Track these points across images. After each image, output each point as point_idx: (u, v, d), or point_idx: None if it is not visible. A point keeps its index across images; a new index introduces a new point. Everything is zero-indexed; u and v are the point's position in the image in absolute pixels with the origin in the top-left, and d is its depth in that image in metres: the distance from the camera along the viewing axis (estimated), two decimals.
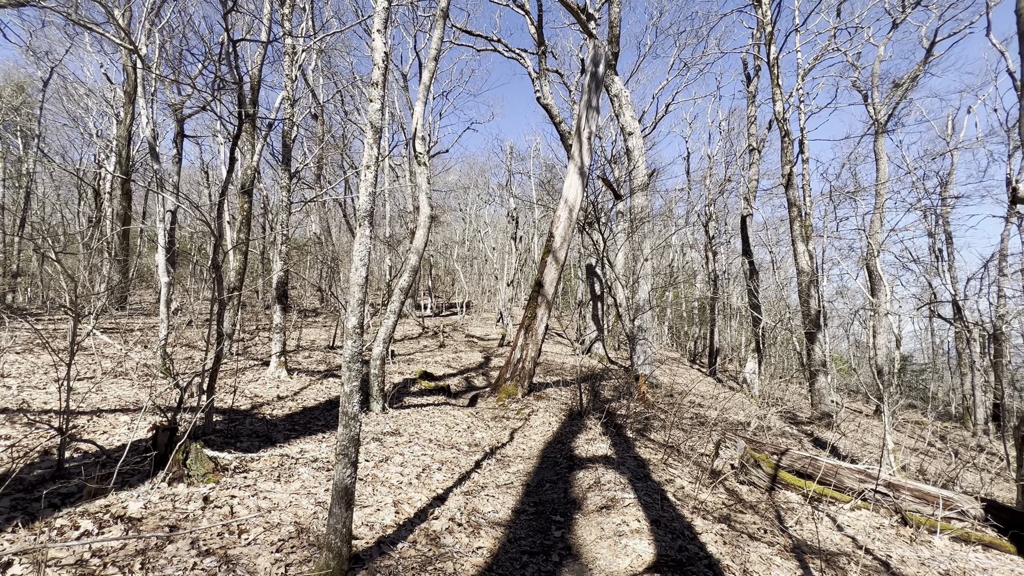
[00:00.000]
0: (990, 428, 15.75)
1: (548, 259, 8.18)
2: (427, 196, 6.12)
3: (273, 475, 3.33)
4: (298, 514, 2.79)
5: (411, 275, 6.02)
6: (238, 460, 3.44)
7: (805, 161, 13.96)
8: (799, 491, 4.85)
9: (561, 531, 3.34)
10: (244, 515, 2.63)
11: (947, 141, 18.85)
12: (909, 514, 4.47)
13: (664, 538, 3.05)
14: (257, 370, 7.83)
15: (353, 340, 2.25)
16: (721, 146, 22.98)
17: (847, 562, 3.24)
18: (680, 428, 6.70)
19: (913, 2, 15.34)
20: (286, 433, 4.56)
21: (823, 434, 9.51)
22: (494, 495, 3.92)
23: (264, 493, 3.00)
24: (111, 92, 15.40)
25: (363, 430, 5.14)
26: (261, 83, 9.19)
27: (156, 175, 6.93)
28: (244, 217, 9.67)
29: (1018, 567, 3.84)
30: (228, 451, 3.58)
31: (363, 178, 2.35)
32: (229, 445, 3.86)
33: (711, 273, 20.32)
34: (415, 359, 11.09)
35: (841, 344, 27.37)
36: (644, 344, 10.36)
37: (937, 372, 25.12)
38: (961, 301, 15.82)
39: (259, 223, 17.79)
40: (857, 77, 16.56)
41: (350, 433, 2.20)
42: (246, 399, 5.74)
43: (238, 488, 3.01)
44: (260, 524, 2.56)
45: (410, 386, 8.07)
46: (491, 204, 31.49)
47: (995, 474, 7.08)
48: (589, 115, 8.67)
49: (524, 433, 6.08)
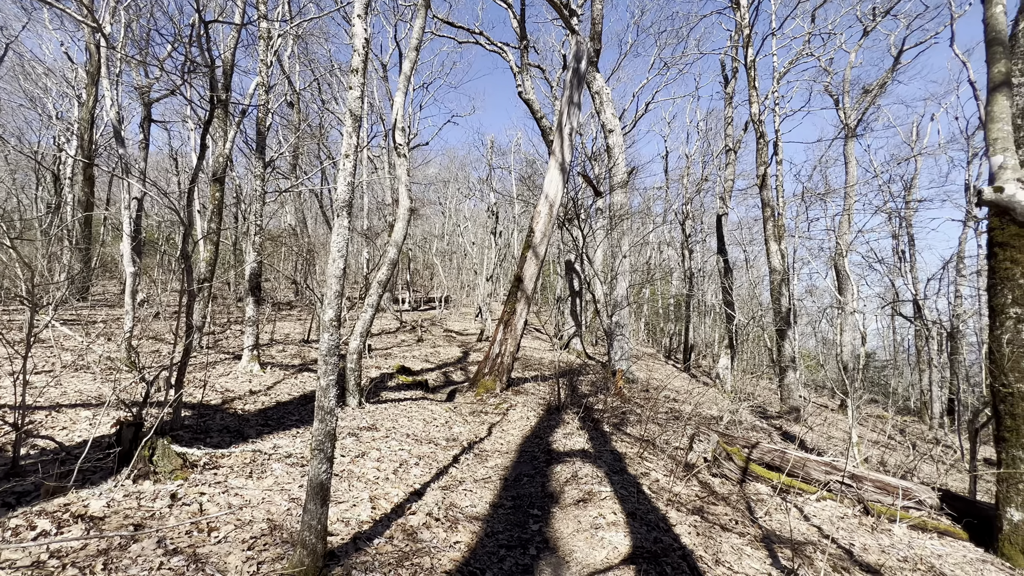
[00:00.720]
0: (945, 422, 16.55)
1: (528, 254, 8.18)
2: (407, 188, 6.03)
3: (245, 471, 3.24)
4: (271, 511, 2.72)
5: (389, 268, 5.93)
6: (208, 456, 3.33)
7: (779, 163, 14.32)
8: (768, 483, 4.99)
9: (539, 524, 3.36)
10: (214, 513, 2.55)
11: (911, 147, 19.62)
12: (871, 504, 4.66)
13: (640, 530, 3.10)
14: (229, 364, 7.62)
15: (330, 333, 2.20)
16: (699, 146, 23.39)
17: (813, 551, 3.36)
18: (655, 422, 6.81)
19: (883, 11, 15.86)
20: (259, 429, 4.45)
21: (791, 428, 9.83)
22: (472, 489, 3.91)
23: (235, 490, 2.91)
24: (72, 72, 14.65)
25: (339, 425, 5.05)
26: (234, 68, 8.89)
27: (121, 160, 6.62)
28: (216, 206, 9.37)
29: (969, 552, 4.05)
30: (197, 447, 3.47)
31: (341, 167, 2.30)
32: (198, 441, 3.74)
33: (687, 271, 20.71)
34: (393, 354, 10.97)
35: (809, 341, 28.29)
36: (621, 340, 10.49)
37: (897, 368, 26.23)
38: (921, 301, 16.53)
39: (231, 213, 17.26)
40: (829, 82, 17.04)
41: (326, 428, 2.16)
42: (217, 394, 5.58)
43: (208, 485, 2.92)
44: (231, 522, 2.48)
45: (387, 381, 7.98)
46: (471, 198, 31.30)
47: (950, 466, 7.44)
48: (570, 111, 8.69)
49: (502, 428, 6.09)
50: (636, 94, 21.44)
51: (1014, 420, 4.01)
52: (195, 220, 15.74)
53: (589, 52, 9.52)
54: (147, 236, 22.16)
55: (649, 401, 8.43)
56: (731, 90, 16.50)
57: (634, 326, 23.16)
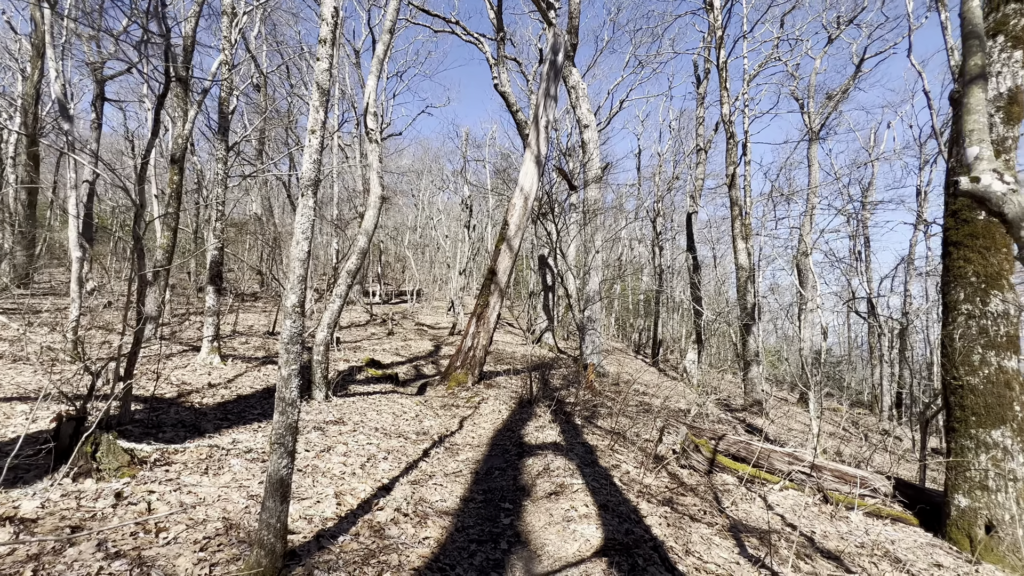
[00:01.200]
0: (895, 414, 17.46)
1: (502, 247, 8.10)
2: (378, 176, 5.84)
3: (200, 468, 3.05)
4: (227, 509, 2.56)
5: (359, 258, 5.74)
6: (159, 452, 3.12)
7: (748, 163, 14.68)
8: (735, 474, 5.11)
9: (510, 518, 3.31)
10: (164, 512, 2.38)
11: (869, 152, 20.51)
12: (830, 492, 4.83)
13: (611, 522, 3.09)
14: (187, 356, 7.26)
15: (292, 320, 2.07)
16: (671, 145, 23.77)
17: (778, 539, 3.44)
18: (626, 415, 6.88)
19: (847, 20, 16.46)
20: (217, 423, 4.22)
21: (754, 420, 10.14)
22: (442, 484, 3.83)
23: (189, 487, 2.73)
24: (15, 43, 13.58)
25: (305, 419, 4.87)
26: (195, 43, 8.43)
27: (68, 137, 6.15)
28: (174, 189, 8.88)
29: (920, 537, 4.25)
30: (148, 442, 3.25)
31: (307, 144, 2.16)
32: (150, 436, 3.51)
33: (657, 267, 21.08)
34: (362, 347, 10.71)
35: (771, 338, 29.35)
36: (593, 334, 10.56)
37: (851, 363, 27.53)
38: (875, 299, 17.37)
39: (193, 199, 16.45)
40: (795, 87, 17.59)
41: (287, 420, 2.03)
42: (172, 387, 5.28)
43: (158, 483, 2.73)
44: (182, 521, 2.32)
45: (356, 374, 7.77)
46: (445, 191, 30.92)
47: (900, 456, 7.82)
48: (547, 103, 8.62)
49: (474, 421, 6.01)
50: (611, 92, 21.62)
51: (963, 411, 4.21)
52: (149, 202, 14.93)
53: (566, 45, 9.48)
54: (100, 222, 20.93)
55: (620, 395, 8.52)
56: (703, 91, 16.81)
57: (605, 321, 23.44)
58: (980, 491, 4.02)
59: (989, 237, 4.21)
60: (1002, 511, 3.90)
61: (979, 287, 4.22)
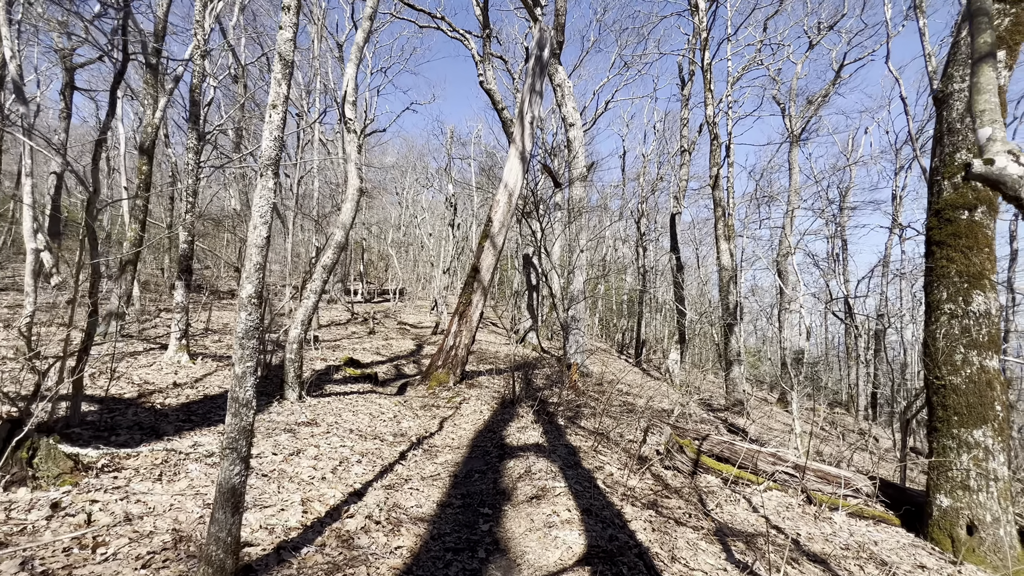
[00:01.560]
0: (870, 414, 17.80)
1: (486, 244, 7.94)
2: (356, 167, 5.62)
3: (153, 474, 2.82)
4: (179, 520, 2.35)
5: (336, 252, 5.51)
6: (109, 457, 2.88)
7: (731, 164, 14.78)
8: (718, 475, 5.04)
9: (489, 524, 3.15)
10: (105, 523, 2.16)
11: (847, 157, 20.91)
12: (813, 493, 4.79)
13: (595, 528, 2.96)
14: (154, 354, 6.92)
15: (248, 312, 1.88)
16: (655, 147, 23.90)
17: (764, 543, 3.35)
18: (609, 416, 6.78)
19: (827, 26, 16.72)
20: (178, 425, 3.97)
21: (736, 420, 10.17)
22: (418, 488, 3.65)
23: (138, 496, 2.51)
24: None
25: (275, 419, 4.63)
26: (167, 28, 8.07)
27: (23, 121, 5.78)
28: (143, 180, 8.48)
29: (902, 538, 4.22)
30: (96, 446, 3.00)
31: (268, 120, 1.97)
32: (101, 439, 3.25)
33: (641, 267, 21.15)
34: (342, 345, 10.42)
35: (750, 339, 29.75)
36: (577, 334, 10.47)
37: (828, 364, 28.07)
38: (852, 300, 17.68)
39: (167, 193, 15.87)
40: (777, 91, 17.81)
41: (240, 423, 1.83)
42: (133, 386, 4.98)
43: (103, 491, 2.49)
44: (124, 534, 2.10)
45: (333, 373, 7.51)
46: (429, 189, 30.58)
47: (880, 456, 7.89)
48: (532, 99, 8.49)
49: (454, 422, 5.84)
50: (596, 92, 21.67)
51: (945, 411, 4.20)
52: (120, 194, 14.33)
53: (552, 41, 9.36)
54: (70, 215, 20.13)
55: (603, 395, 8.43)
56: (687, 92, 16.88)
57: (589, 321, 23.43)
58: (962, 491, 4.00)
59: (972, 237, 4.21)
60: (983, 511, 3.89)
61: (962, 287, 4.22)
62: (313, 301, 5.46)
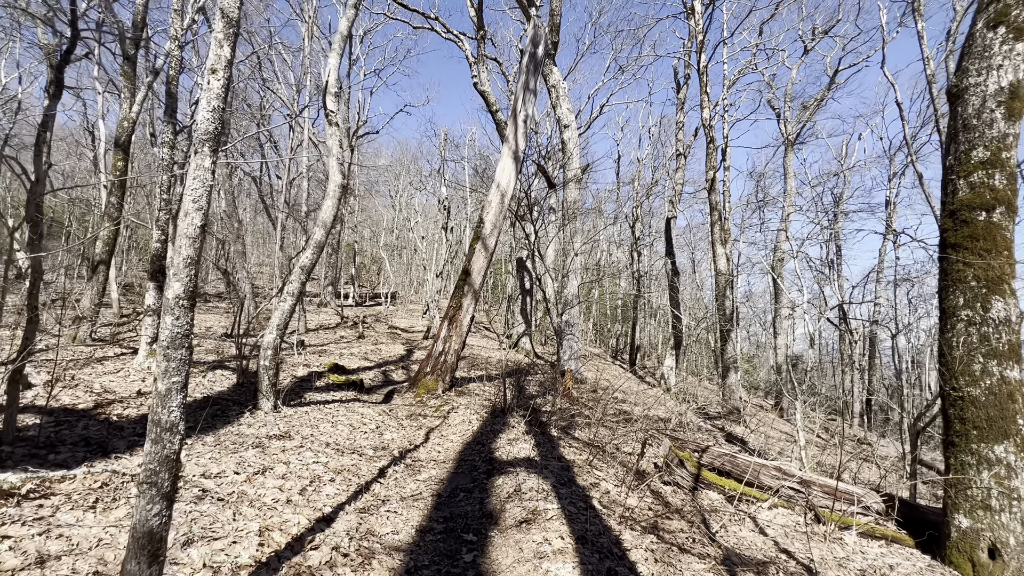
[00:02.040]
0: (864, 421, 17.61)
1: (477, 246, 7.63)
2: (338, 162, 5.30)
3: (88, 500, 2.47)
4: (105, 558, 2.00)
5: (315, 251, 5.18)
6: (37, 481, 2.52)
7: (727, 168, 14.62)
8: (720, 490, 4.74)
9: (473, 554, 2.82)
10: (11, 567, 1.81)
11: (841, 163, 20.86)
12: (821, 511, 4.50)
13: (591, 559, 2.64)
14: (124, 360, 6.53)
15: (175, 317, 1.55)
16: (650, 151, 23.77)
17: (776, 571, 3.05)
18: (605, 425, 6.47)
19: (822, 31, 16.67)
20: (133, 439, 3.61)
21: (733, 428, 9.89)
22: (397, 510, 3.31)
23: (61, 529, 2.16)
24: None
25: (244, 432, 4.28)
26: (146, 19, 7.74)
27: None
28: (118, 176, 8.11)
29: (918, 561, 3.94)
30: (25, 468, 2.65)
31: (206, 87, 1.65)
32: (35, 458, 2.89)
33: (635, 272, 20.93)
34: (329, 350, 10.05)
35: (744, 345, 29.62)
36: (571, 339, 10.17)
37: (822, 370, 27.97)
38: (846, 306, 17.53)
39: (145, 193, 15.43)
40: (772, 96, 17.73)
41: (162, 451, 1.51)
42: (91, 395, 4.60)
43: (20, 523, 2.14)
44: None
45: (316, 380, 7.15)
46: (423, 192, 30.24)
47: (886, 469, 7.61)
48: (526, 97, 8.23)
49: (441, 433, 5.50)
50: (591, 96, 21.47)
51: (963, 425, 3.93)
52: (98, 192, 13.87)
53: (547, 39, 9.11)
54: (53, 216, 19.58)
55: (598, 402, 8.12)
56: (683, 96, 16.73)
57: (583, 326, 23.16)
58: (983, 511, 3.73)
59: (990, 239, 3.96)
60: (1007, 533, 3.62)
61: (980, 292, 3.96)
62: (290, 304, 5.12)
